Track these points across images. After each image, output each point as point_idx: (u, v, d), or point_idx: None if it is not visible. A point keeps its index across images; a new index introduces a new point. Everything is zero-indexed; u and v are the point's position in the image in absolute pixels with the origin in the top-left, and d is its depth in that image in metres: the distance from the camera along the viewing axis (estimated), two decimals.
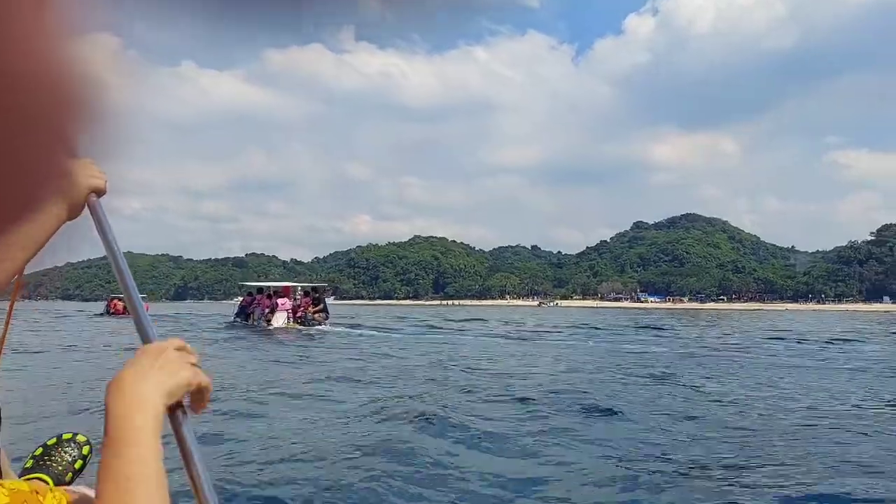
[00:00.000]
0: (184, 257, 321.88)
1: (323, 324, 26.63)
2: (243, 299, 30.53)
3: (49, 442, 2.03)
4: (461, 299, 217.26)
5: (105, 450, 0.82)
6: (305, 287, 30.06)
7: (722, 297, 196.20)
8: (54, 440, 2.03)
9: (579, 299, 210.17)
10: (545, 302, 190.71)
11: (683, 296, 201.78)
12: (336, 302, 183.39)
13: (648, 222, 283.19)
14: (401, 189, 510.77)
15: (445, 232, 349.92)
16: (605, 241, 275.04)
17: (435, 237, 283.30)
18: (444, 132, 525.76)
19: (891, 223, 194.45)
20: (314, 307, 27.44)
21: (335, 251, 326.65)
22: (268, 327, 25.74)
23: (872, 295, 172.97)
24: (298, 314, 26.94)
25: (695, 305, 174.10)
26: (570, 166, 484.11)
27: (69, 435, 2.06)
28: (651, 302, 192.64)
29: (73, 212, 1.22)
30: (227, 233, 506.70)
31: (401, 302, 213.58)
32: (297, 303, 27.78)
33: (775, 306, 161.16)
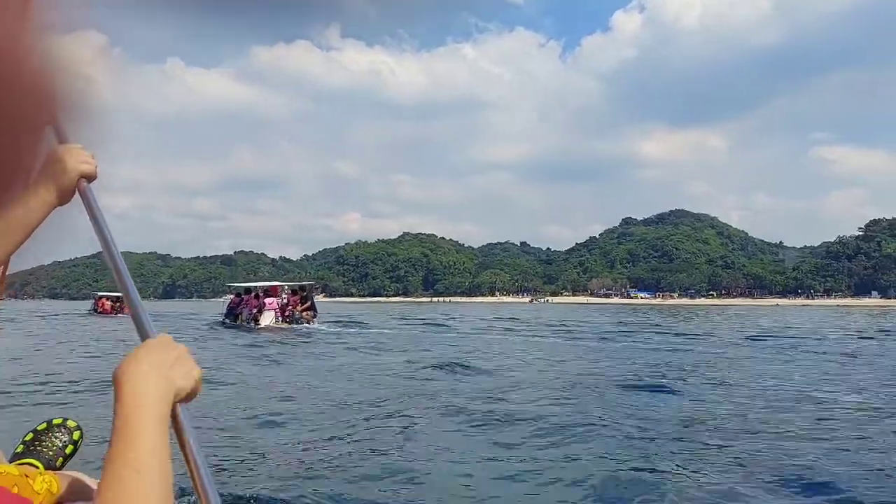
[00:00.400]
0: (172, 255, 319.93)
1: (311, 322, 26.55)
2: (232, 300, 30.65)
3: (39, 427, 2.01)
4: (451, 296, 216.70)
5: (117, 439, 0.81)
6: (293, 286, 29.93)
7: (712, 293, 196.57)
8: (44, 425, 2.02)
9: (569, 296, 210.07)
10: (536, 298, 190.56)
11: (673, 291, 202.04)
12: (326, 300, 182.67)
13: (637, 218, 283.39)
14: (390, 186, 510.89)
15: (435, 229, 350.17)
16: (595, 238, 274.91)
17: (424, 234, 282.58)
18: (434, 129, 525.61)
19: (878, 218, 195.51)
20: (302, 306, 27.37)
21: (324, 249, 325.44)
22: (256, 327, 25.64)
23: (861, 289, 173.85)
24: (287, 313, 26.88)
25: (685, 301, 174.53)
26: (559, 163, 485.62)
27: (59, 420, 2.05)
28: (641, 298, 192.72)
29: (64, 197, 1.21)
30: (216, 231, 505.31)
31: (390, 299, 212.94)
32: (285, 301, 27.68)
33: (766, 302, 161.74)
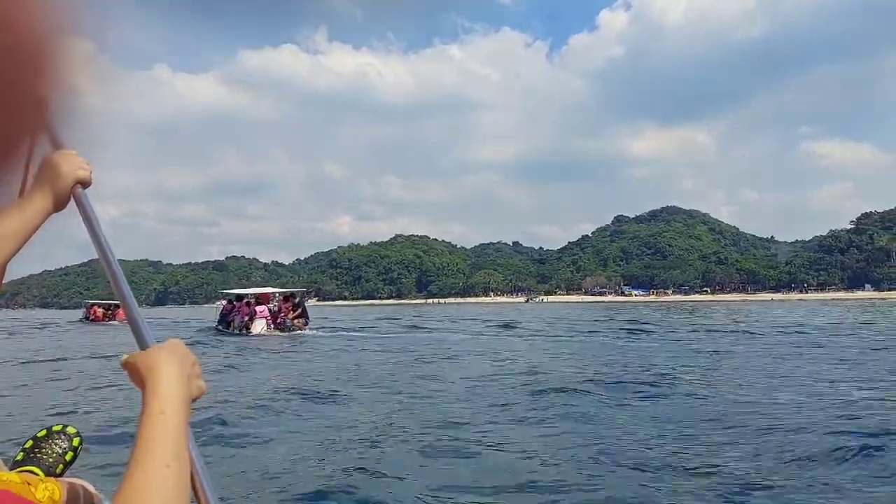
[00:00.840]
0: (163, 262, 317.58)
1: (303, 329, 26.46)
2: (224, 306, 30.70)
3: (39, 434, 2.01)
4: (445, 297, 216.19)
5: (153, 433, 0.83)
6: (285, 293, 29.80)
7: (706, 289, 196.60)
8: (44, 432, 2.02)
9: (563, 294, 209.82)
10: (532, 298, 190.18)
11: (667, 288, 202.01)
12: (319, 304, 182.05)
13: (629, 216, 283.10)
14: (381, 189, 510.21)
15: (426, 230, 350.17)
16: (587, 236, 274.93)
17: (417, 236, 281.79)
18: (423, 131, 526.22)
19: (870, 211, 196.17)
20: (294, 313, 27.21)
21: (316, 252, 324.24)
22: (247, 334, 25.56)
23: (854, 283, 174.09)
24: (278, 320, 26.68)
25: (679, 298, 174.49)
26: (550, 163, 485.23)
27: (59, 427, 2.05)
28: (636, 295, 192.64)
29: (60, 204, 1.21)
30: (207, 236, 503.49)
31: (384, 302, 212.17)
32: (277, 309, 27.50)
33: (761, 297, 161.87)
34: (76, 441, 2.02)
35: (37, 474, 1.74)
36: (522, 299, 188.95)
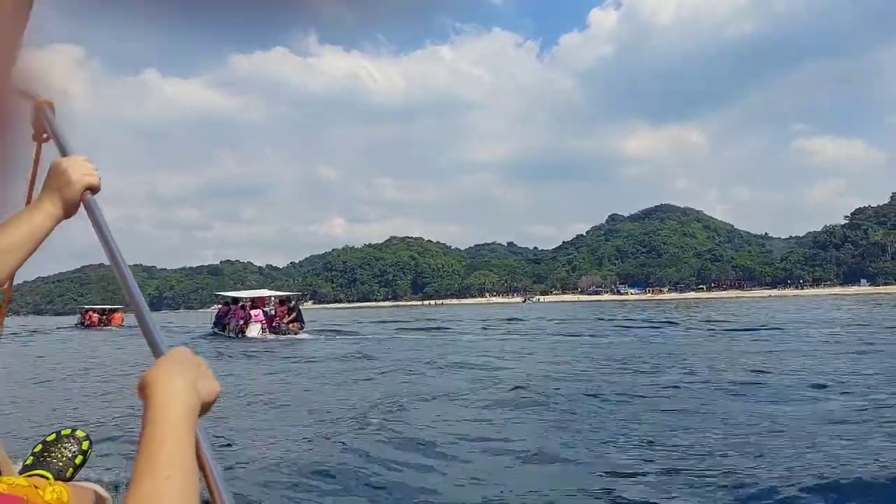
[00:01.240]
0: (157, 267, 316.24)
1: (298, 333, 26.15)
2: (220, 309, 30.42)
3: (48, 438, 2.02)
4: (441, 298, 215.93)
5: (151, 445, 0.83)
6: (280, 296, 29.43)
7: (701, 287, 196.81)
8: (53, 436, 2.02)
9: (559, 294, 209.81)
10: (528, 298, 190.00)
11: (663, 286, 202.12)
12: (315, 306, 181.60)
13: (623, 215, 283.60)
14: (374, 190, 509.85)
15: (420, 231, 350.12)
16: (582, 236, 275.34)
17: (411, 237, 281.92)
18: (416, 132, 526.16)
19: (864, 206, 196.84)
20: (289, 317, 26.93)
21: (311, 255, 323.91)
22: (242, 338, 25.30)
23: (849, 278, 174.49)
24: (274, 324, 26.45)
25: (675, 296, 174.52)
26: (543, 162, 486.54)
27: (68, 431, 2.06)
28: (632, 294, 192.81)
29: (69, 210, 1.21)
30: (201, 240, 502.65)
31: (380, 304, 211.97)
32: (273, 313, 27.28)
33: (757, 293, 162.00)
34: (86, 445, 2.02)
35: (46, 478, 1.73)
36: (519, 299, 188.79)
